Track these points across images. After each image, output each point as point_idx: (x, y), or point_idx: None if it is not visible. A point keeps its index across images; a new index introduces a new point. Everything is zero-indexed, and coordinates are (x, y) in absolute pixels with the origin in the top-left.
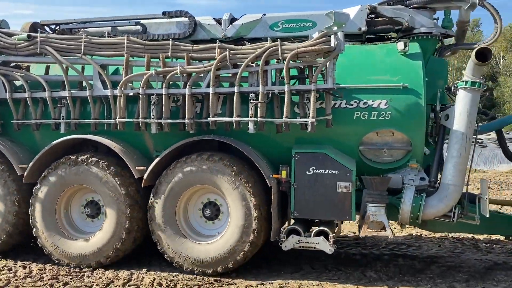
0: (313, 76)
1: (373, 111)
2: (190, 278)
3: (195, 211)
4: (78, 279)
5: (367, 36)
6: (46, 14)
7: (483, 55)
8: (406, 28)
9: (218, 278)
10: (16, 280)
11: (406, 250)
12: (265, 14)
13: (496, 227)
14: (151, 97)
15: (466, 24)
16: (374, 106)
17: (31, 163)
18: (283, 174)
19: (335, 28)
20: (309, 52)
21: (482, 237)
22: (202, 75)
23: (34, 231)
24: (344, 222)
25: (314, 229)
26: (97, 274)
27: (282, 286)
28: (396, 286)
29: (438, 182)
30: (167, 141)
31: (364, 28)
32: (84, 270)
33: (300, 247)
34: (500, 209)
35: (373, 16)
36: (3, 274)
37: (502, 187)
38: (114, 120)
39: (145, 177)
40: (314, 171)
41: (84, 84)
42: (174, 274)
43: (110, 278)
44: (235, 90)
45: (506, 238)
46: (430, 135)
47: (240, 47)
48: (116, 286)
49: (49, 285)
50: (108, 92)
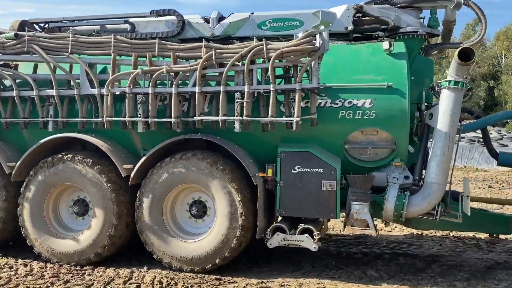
0: (298, 75)
1: (357, 110)
2: (190, 276)
3: (183, 210)
4: (79, 277)
5: (355, 35)
6: (48, 12)
7: (466, 55)
8: (392, 27)
9: (218, 277)
10: (17, 278)
11: (407, 249)
12: (253, 13)
13: (479, 225)
14: (138, 96)
15: (452, 23)
16: (358, 105)
17: (19, 162)
18: (269, 173)
19: (322, 27)
20: (293, 51)
21: (483, 236)
22: (188, 74)
23: (23, 232)
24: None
25: (300, 227)
26: (97, 272)
27: (282, 284)
28: (397, 285)
29: (423, 180)
30: (155, 139)
31: (350, 27)
32: (85, 268)
33: (285, 245)
34: (501, 208)
35: (360, 15)
36: (4, 272)
37: (503, 186)
38: (101, 118)
39: (132, 175)
40: (300, 170)
41: (72, 82)
42: (175, 272)
43: (111, 276)
44: (221, 89)
45: (490, 235)
46: (415, 134)
47: (226, 46)
48: (117, 284)
49: (50, 283)
50: (95, 91)
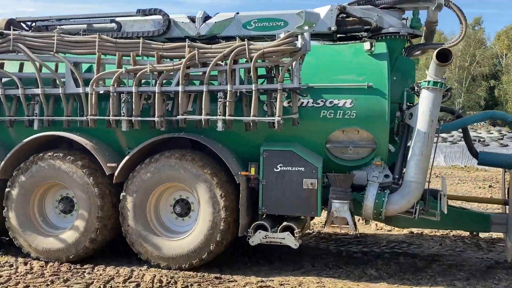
0: (279, 75)
1: (338, 110)
2: (190, 275)
3: (167, 208)
4: (79, 276)
5: (339, 35)
6: (49, 11)
7: (444, 56)
8: (374, 28)
9: (218, 275)
10: (17, 276)
11: (407, 248)
12: (238, 13)
13: (459, 223)
14: (122, 95)
15: (434, 24)
16: (339, 105)
17: (4, 160)
18: (252, 171)
19: (306, 27)
20: (275, 52)
21: (483, 235)
22: (172, 74)
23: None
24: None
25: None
26: (97, 271)
27: (282, 283)
28: (396, 284)
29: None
30: (140, 138)
31: (334, 27)
32: (85, 266)
33: (267, 242)
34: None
35: (343, 16)
36: (4, 270)
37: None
38: (86, 117)
39: (116, 174)
40: (282, 168)
41: (57, 81)
42: (175, 271)
43: (111, 274)
44: (204, 88)
45: (470, 233)
46: (396, 133)
47: (209, 46)
48: (116, 283)
49: (50, 281)
50: (80, 89)
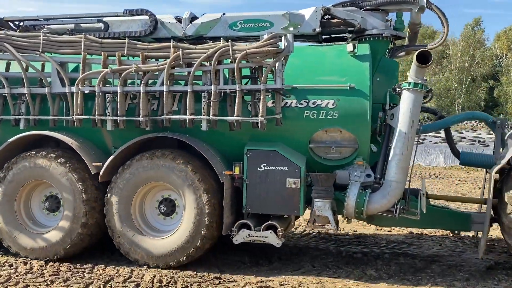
0: (263, 76)
1: (321, 111)
2: (190, 275)
3: (152, 207)
4: (79, 275)
5: (324, 37)
6: (49, 10)
7: (424, 58)
8: (358, 29)
9: (218, 275)
10: (16, 276)
11: (407, 249)
12: (224, 14)
13: (440, 222)
14: (107, 94)
15: (417, 26)
16: (322, 106)
17: None
18: (236, 171)
19: (291, 28)
20: (258, 53)
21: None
22: (157, 74)
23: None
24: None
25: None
26: (97, 270)
27: (282, 283)
28: (396, 284)
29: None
30: (126, 137)
31: (318, 29)
32: (84, 266)
33: (250, 241)
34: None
35: (328, 17)
36: (4, 270)
37: None
38: (71, 117)
39: (101, 173)
40: (265, 168)
41: (43, 81)
42: (175, 271)
43: (111, 274)
44: (188, 88)
45: (452, 232)
46: (378, 134)
47: (194, 47)
48: (116, 283)
49: (49, 281)
50: (66, 89)
